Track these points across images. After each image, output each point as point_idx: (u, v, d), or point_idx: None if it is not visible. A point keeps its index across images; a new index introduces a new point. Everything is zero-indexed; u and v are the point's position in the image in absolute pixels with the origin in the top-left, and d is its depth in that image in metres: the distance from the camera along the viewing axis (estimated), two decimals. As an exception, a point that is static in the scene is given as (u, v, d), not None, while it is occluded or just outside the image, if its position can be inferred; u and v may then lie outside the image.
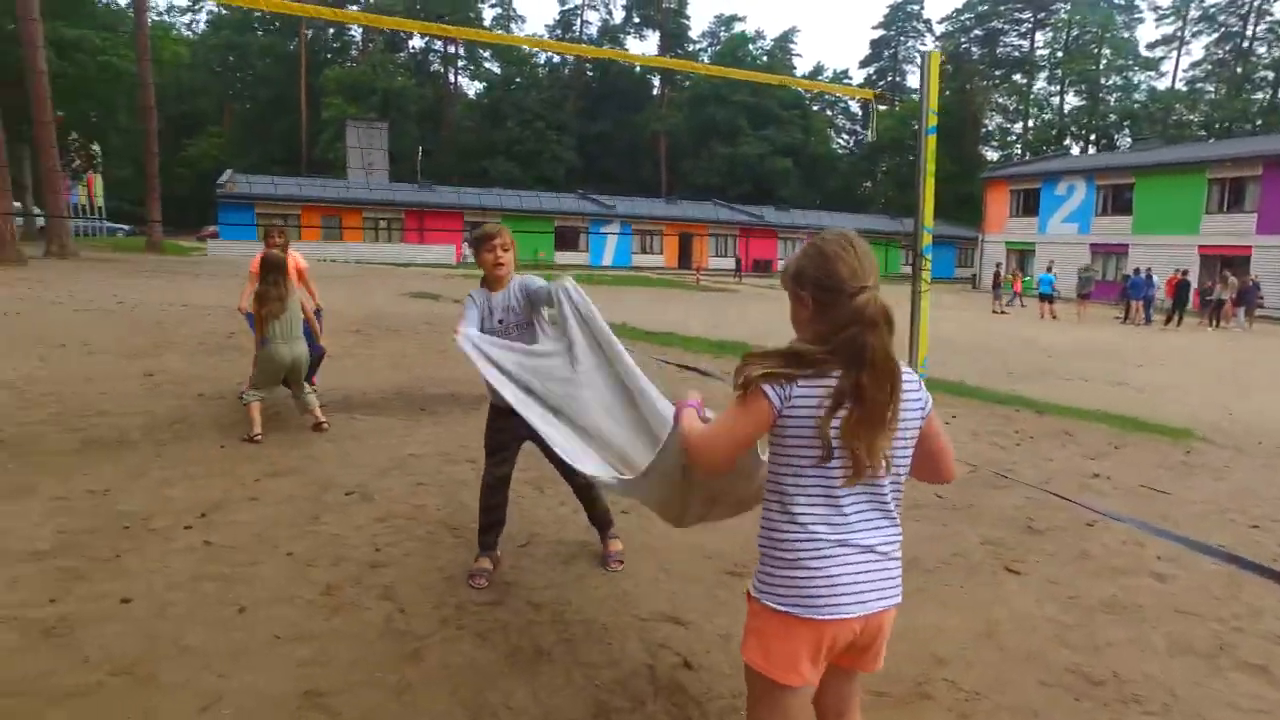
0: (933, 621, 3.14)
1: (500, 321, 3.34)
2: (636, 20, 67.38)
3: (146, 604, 3.06)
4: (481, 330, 3.29)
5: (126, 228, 43.86)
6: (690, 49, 66.20)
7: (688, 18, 67.72)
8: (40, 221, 28.01)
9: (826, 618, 1.55)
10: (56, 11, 27.25)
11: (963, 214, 48.96)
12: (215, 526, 3.85)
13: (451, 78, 66.86)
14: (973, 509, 4.60)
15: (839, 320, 1.52)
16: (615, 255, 43.75)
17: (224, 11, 61.22)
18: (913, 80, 66.09)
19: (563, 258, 40.55)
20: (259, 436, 5.34)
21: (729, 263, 42.58)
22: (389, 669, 2.65)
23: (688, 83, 62.14)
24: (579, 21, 66.99)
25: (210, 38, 62.53)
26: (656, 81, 66.44)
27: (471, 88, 68.56)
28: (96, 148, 37.57)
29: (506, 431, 3.39)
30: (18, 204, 30.58)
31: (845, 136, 73.53)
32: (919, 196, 3.95)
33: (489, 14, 64.78)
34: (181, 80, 52.39)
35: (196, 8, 64.69)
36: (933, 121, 3.82)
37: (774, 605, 1.57)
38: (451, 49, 64.20)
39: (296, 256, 6.54)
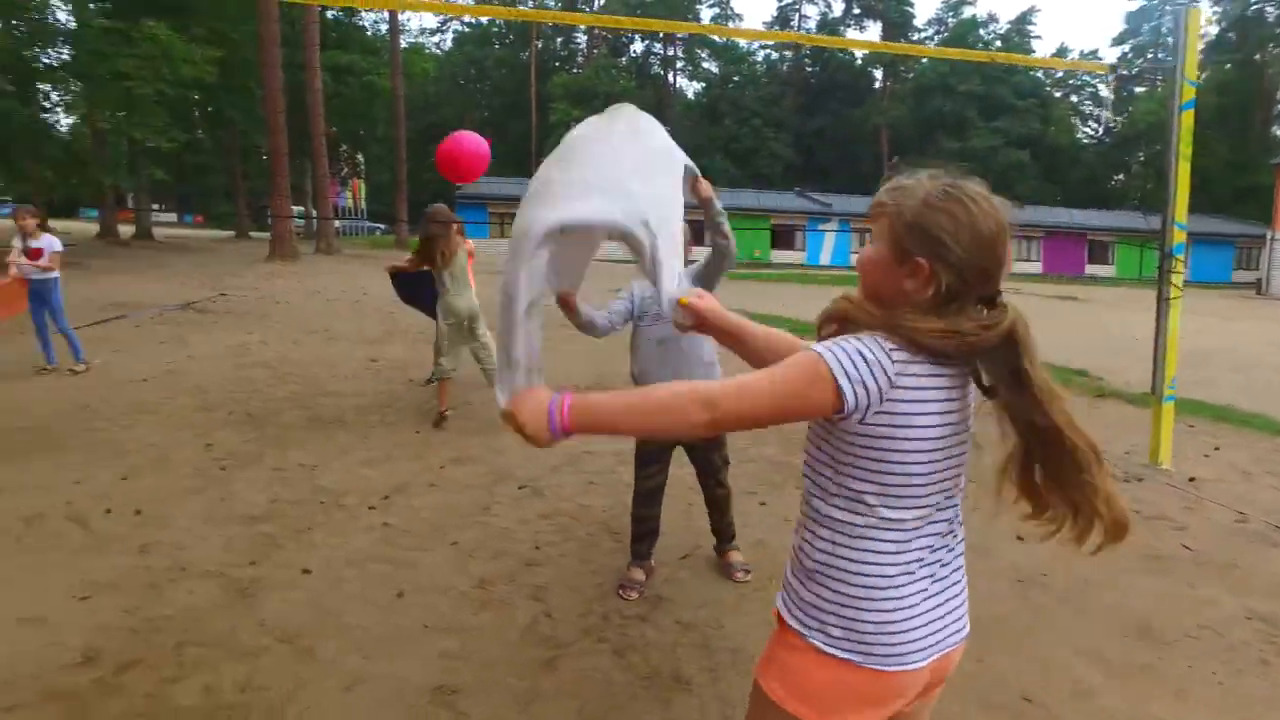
0: (1168, 715, 2.53)
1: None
2: (857, 11, 64.76)
3: (323, 578, 3.26)
4: (642, 322, 3.24)
5: (382, 227, 49.43)
6: (915, 38, 62.40)
7: (911, 5, 63.88)
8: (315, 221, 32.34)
9: (897, 669, 1.20)
10: (332, 42, 31.45)
11: (1246, 208, 41.87)
12: (395, 509, 4.07)
13: (670, 79, 68.34)
14: (1235, 570, 3.73)
15: (966, 332, 1.12)
16: (833, 254, 42.30)
17: (466, 28, 67.22)
18: (1186, 56, 57.11)
19: (779, 256, 39.84)
20: (447, 412, 5.68)
21: (951, 263, 39.68)
22: (522, 674, 2.59)
23: (910, 74, 58.70)
24: (797, 16, 65.69)
25: (455, 54, 68.91)
26: (879, 74, 63.47)
27: (690, 88, 69.72)
28: (361, 157, 42.92)
29: (656, 441, 3.24)
30: (299, 208, 35.65)
31: (1092, 125, 65.71)
32: (1169, 185, 3.24)
33: (707, 14, 65.37)
34: (428, 93, 58.16)
35: (444, 28, 71.50)
36: (1189, 95, 3.11)
37: (827, 649, 1.21)
38: (670, 51, 65.64)
39: (469, 243, 6.88)
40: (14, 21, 20.78)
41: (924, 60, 56.44)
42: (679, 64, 67.68)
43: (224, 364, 7.85)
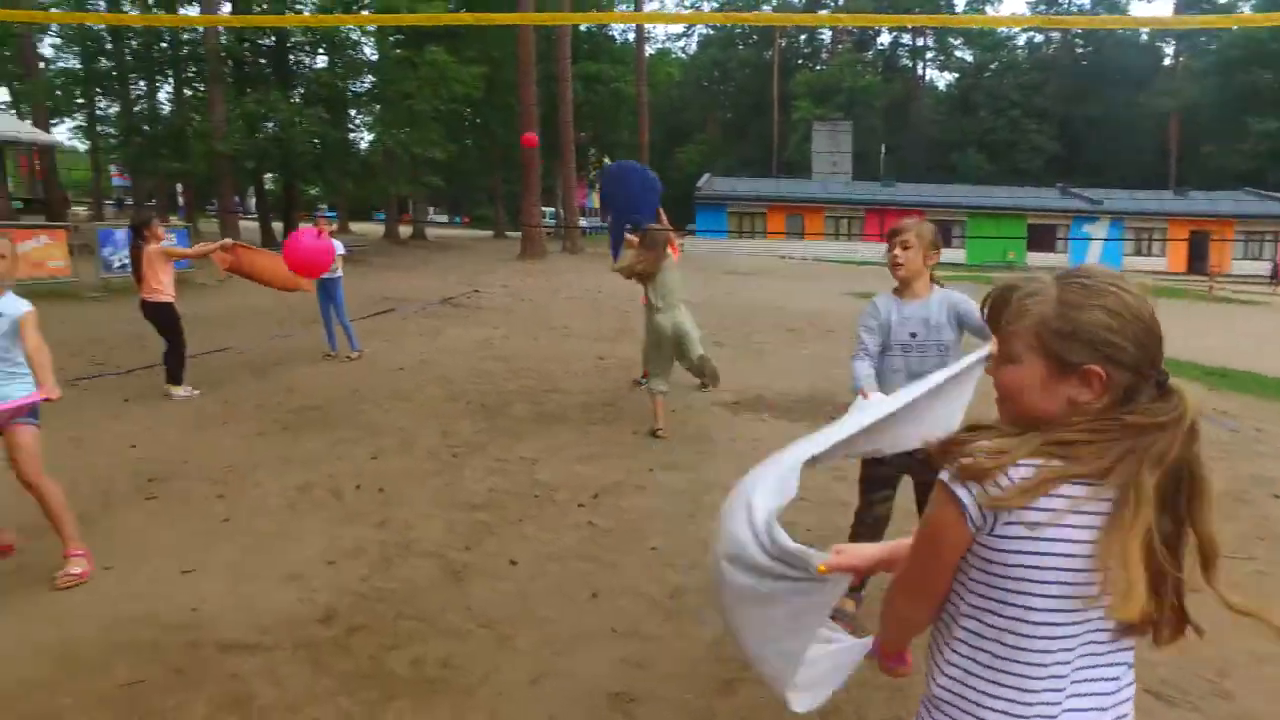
0: None
1: (913, 335, 2.94)
2: (1144, -21, 56.71)
3: (527, 569, 3.45)
4: (887, 343, 2.97)
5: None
6: (1222, 2, 53.18)
7: (1216, -35, 54.52)
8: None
9: None
10: (584, 53, 33.64)
11: None
12: (602, 508, 4.20)
13: (920, 70, 64.64)
14: None
15: (1152, 429, 0.98)
16: (1102, 258, 37.56)
17: (710, 31, 68.40)
18: None
19: (1036, 259, 36.12)
20: (662, 432, 5.62)
21: (1262, 267, 33.46)
22: (699, 692, 2.55)
23: (1214, 45, 50.15)
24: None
25: (699, 57, 70.42)
26: (1168, 49, 55.10)
27: (941, 79, 65.48)
28: (608, 159, 45.42)
29: (889, 464, 3.01)
30: (549, 208, 38.55)
31: None
32: None
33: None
34: (673, 97, 59.98)
35: (689, 32, 73.37)
36: None
37: None
38: (920, 42, 62.05)
39: (675, 247, 6.82)
40: (335, 60, 24.82)
41: (1233, 26, 48.04)
42: (929, 54, 63.74)
43: (470, 357, 8.63)
